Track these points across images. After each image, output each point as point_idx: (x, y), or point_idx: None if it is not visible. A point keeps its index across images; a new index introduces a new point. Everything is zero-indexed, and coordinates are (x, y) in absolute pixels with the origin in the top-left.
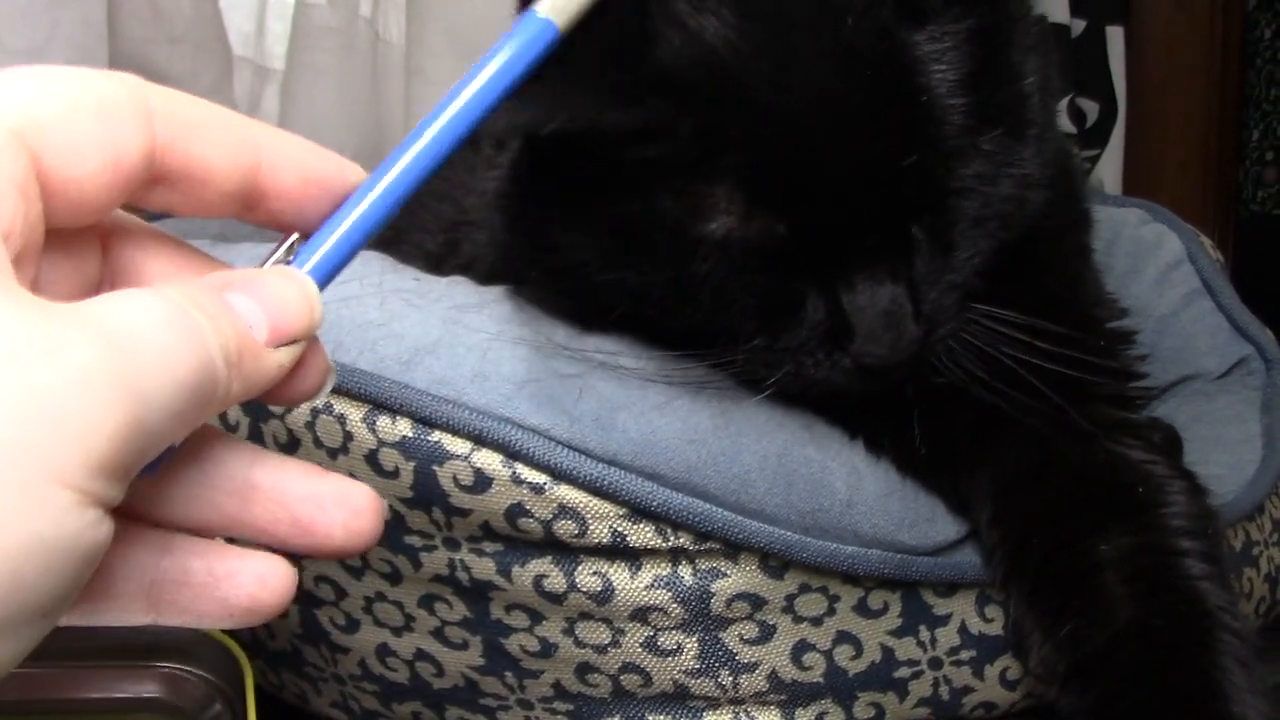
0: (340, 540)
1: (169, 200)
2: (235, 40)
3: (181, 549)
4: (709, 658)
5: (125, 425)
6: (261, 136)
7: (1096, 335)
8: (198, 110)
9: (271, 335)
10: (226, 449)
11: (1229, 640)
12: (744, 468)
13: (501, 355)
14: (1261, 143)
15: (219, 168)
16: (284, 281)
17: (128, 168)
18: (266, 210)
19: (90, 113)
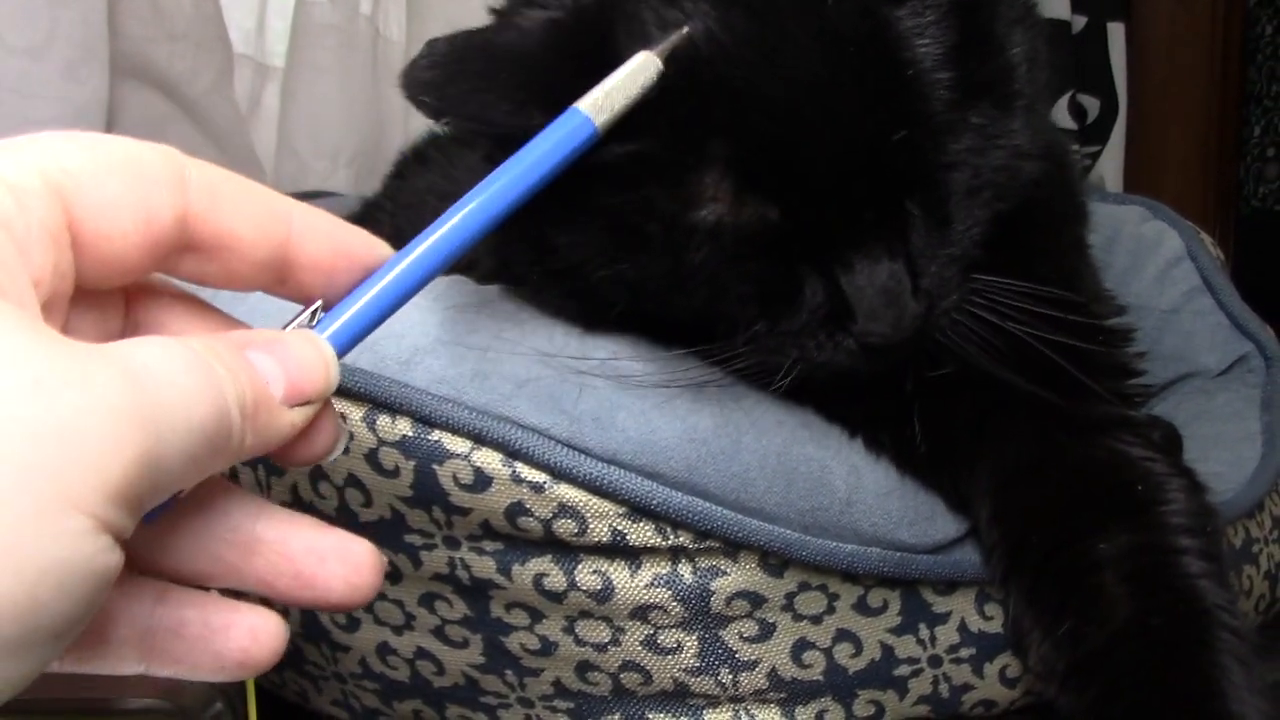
0: (339, 595)
1: (201, 269)
2: (236, 38)
3: (177, 599)
4: (709, 656)
5: (140, 457)
6: (292, 210)
7: (1093, 331)
8: (231, 182)
9: (288, 393)
10: (232, 500)
11: (1228, 638)
12: (743, 466)
13: (501, 354)
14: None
15: (249, 238)
16: (303, 344)
17: (159, 230)
18: (296, 282)
19: (125, 174)
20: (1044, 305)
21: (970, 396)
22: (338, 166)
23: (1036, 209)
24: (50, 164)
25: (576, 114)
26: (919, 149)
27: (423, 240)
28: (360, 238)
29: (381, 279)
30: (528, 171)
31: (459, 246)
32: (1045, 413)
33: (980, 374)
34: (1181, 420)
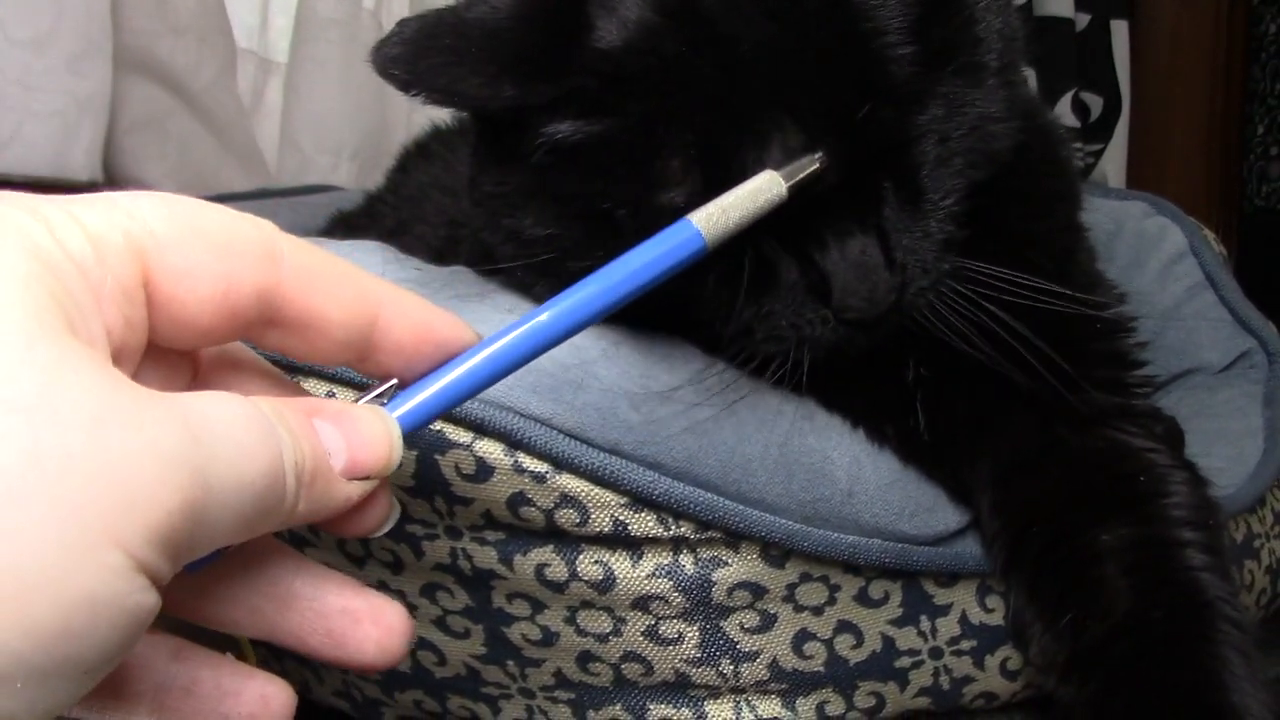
0: (370, 657)
1: (284, 343)
2: (239, 33)
3: (193, 658)
4: (710, 647)
5: (185, 505)
6: (383, 294)
7: (1092, 318)
8: (325, 264)
9: (348, 467)
10: (273, 554)
11: (1229, 631)
12: (745, 457)
13: None
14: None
15: (336, 319)
16: (372, 419)
17: (236, 300)
18: (376, 362)
19: (211, 243)
20: (1037, 295)
21: (971, 388)
22: (340, 161)
23: (1028, 192)
24: (136, 224)
25: (687, 226)
26: (886, 121)
27: (506, 333)
28: (447, 322)
29: (461, 365)
30: (625, 279)
31: (542, 345)
32: (1046, 404)
33: (981, 365)
34: (1183, 415)
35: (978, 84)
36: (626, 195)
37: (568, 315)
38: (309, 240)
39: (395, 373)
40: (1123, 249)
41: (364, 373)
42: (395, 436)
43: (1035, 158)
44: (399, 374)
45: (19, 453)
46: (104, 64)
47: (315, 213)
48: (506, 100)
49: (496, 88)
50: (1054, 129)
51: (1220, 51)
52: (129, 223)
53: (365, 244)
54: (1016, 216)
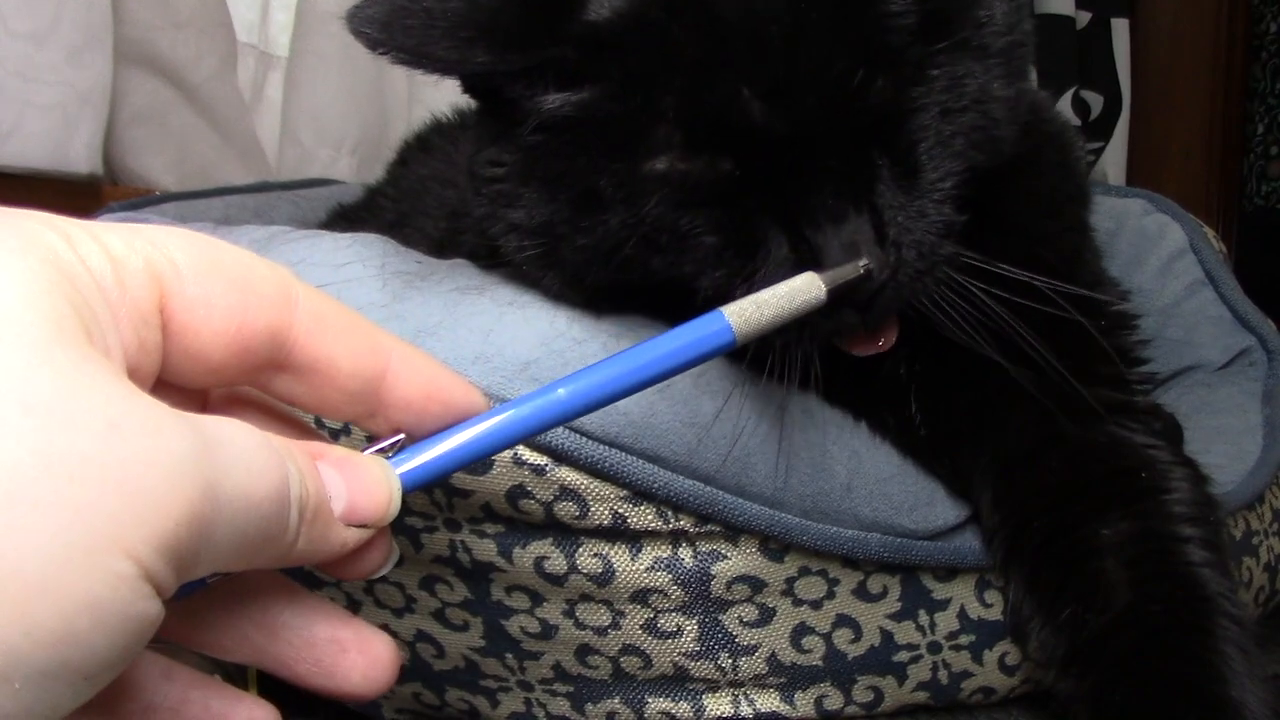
0: (354, 686)
1: (292, 390)
2: (239, 26)
3: (184, 678)
4: (709, 640)
5: (194, 517)
6: (394, 348)
7: (1096, 316)
8: (338, 313)
9: (346, 513)
10: (266, 584)
11: (1228, 626)
12: (744, 450)
13: (503, 337)
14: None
15: (346, 367)
16: (373, 468)
17: (249, 337)
18: (386, 418)
19: (229, 278)
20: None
21: (972, 381)
22: (341, 155)
23: (1039, 191)
24: (157, 252)
25: (719, 318)
26: (881, 91)
27: (524, 401)
28: (458, 385)
29: (471, 428)
30: (648, 364)
31: (554, 419)
32: (1048, 399)
33: (981, 359)
34: (1183, 412)
35: (981, 63)
36: (611, 166)
37: (583, 394)
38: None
39: (404, 429)
40: (1123, 246)
41: (371, 430)
42: (395, 489)
43: (1048, 159)
44: (406, 431)
45: (31, 453)
46: (104, 57)
47: (315, 206)
48: (477, 66)
49: (468, 53)
50: (1066, 131)
51: (1220, 50)
52: (150, 250)
53: (366, 237)
54: (1027, 215)
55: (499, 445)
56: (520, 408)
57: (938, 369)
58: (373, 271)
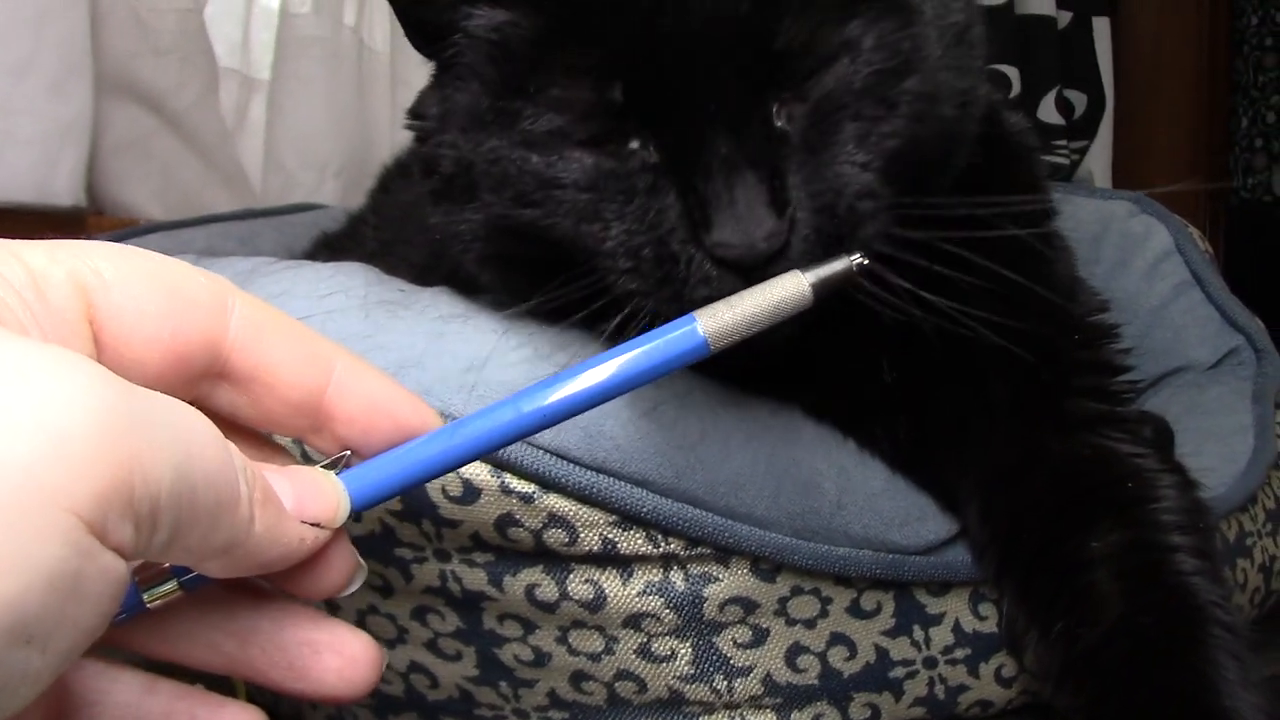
0: (331, 687)
1: (234, 402)
2: (221, 51)
3: (166, 691)
4: (703, 663)
5: (131, 459)
6: (337, 358)
7: (1069, 329)
8: (277, 321)
9: (295, 505)
10: (231, 591)
11: (1221, 634)
12: (733, 471)
13: (489, 364)
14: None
15: (286, 378)
16: (315, 474)
17: (185, 346)
18: (332, 433)
19: (159, 287)
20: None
21: (951, 394)
22: (325, 178)
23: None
24: (80, 263)
25: (690, 321)
26: (791, 37)
27: (477, 418)
28: (408, 401)
29: (423, 448)
30: (611, 376)
31: (511, 435)
32: (1030, 412)
33: (961, 371)
34: (1173, 414)
35: (919, 29)
36: (534, 136)
37: (544, 410)
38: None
39: (350, 447)
40: (1109, 249)
41: (318, 447)
42: (340, 491)
43: (1003, 168)
44: (354, 448)
45: None
46: (85, 87)
47: (300, 232)
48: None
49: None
50: (1024, 138)
51: (1204, 46)
52: (74, 262)
53: (348, 266)
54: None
55: (453, 463)
56: (475, 424)
57: (921, 379)
58: (355, 302)
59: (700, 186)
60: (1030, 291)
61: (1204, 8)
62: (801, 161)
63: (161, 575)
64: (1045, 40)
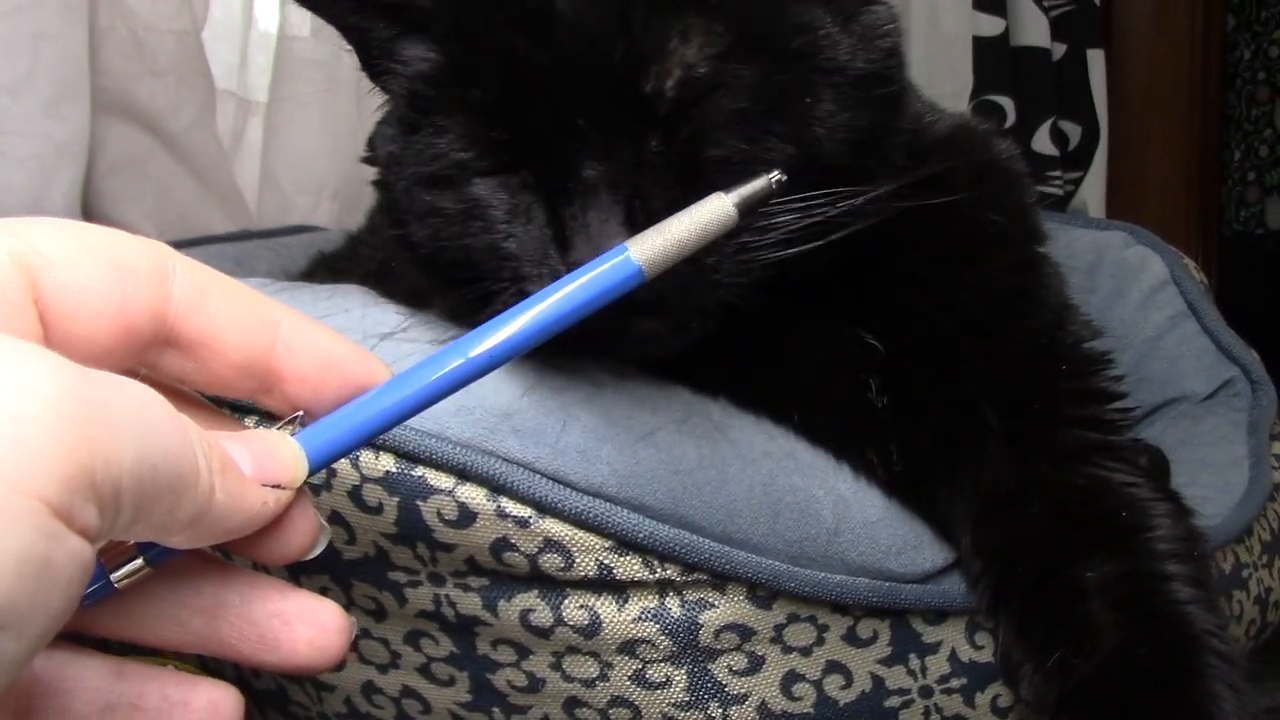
0: (304, 658)
1: (181, 367)
2: (218, 73)
3: (136, 674)
4: (698, 690)
5: (92, 442)
6: (282, 318)
7: (1058, 358)
8: (219, 284)
9: (254, 470)
10: (196, 566)
11: (1217, 664)
12: (730, 497)
13: (485, 387)
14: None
15: (232, 340)
16: (270, 436)
17: (132, 318)
18: (282, 393)
19: (100, 260)
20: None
21: (940, 418)
22: (321, 200)
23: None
24: (20, 243)
25: (622, 251)
26: (659, 89)
27: (425, 367)
28: (355, 355)
29: (375, 402)
30: (550, 311)
31: (460, 380)
32: (1021, 441)
33: (952, 402)
34: (1169, 445)
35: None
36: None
37: (490, 351)
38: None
39: (303, 406)
40: (1104, 279)
41: (270, 406)
42: (296, 450)
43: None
44: (306, 408)
45: None
46: (82, 107)
47: (296, 254)
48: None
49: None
50: (1011, 165)
51: (1196, 78)
52: (12, 241)
53: (346, 288)
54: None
55: (406, 413)
56: (424, 372)
57: (911, 404)
58: (352, 323)
59: (562, 210)
60: (1016, 321)
61: (1197, 41)
62: (659, 182)
63: (127, 553)
64: (1040, 72)
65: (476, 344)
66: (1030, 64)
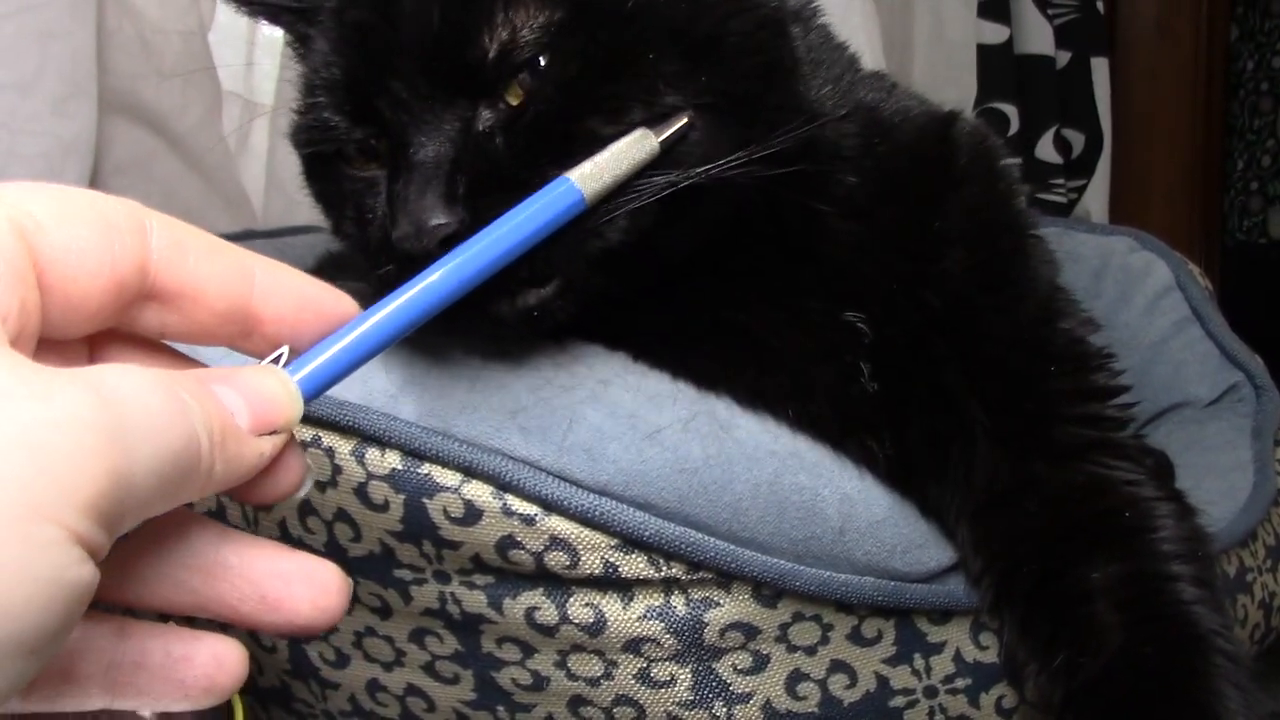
0: (305, 618)
1: (163, 321)
2: (224, 75)
3: (138, 632)
4: (703, 689)
5: (111, 472)
6: (255, 263)
7: (1045, 358)
8: (192, 233)
9: (253, 422)
10: (194, 528)
11: (1222, 664)
12: (735, 496)
13: (490, 385)
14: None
15: (211, 288)
16: (264, 375)
17: (123, 276)
18: (262, 335)
19: (90, 221)
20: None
21: (928, 410)
22: None
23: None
24: (16, 210)
25: (564, 181)
26: (481, 57)
27: (394, 298)
28: (328, 293)
29: (349, 333)
30: (506, 235)
31: (430, 306)
32: (1012, 436)
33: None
34: (1174, 450)
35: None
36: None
37: (452, 275)
38: None
39: (282, 345)
40: (1110, 284)
41: (250, 351)
42: (292, 388)
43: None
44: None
45: None
46: (89, 106)
47: (301, 253)
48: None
49: None
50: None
51: (1199, 87)
52: (9, 209)
53: (354, 286)
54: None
55: (385, 341)
56: (398, 298)
57: (899, 394)
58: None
59: (392, 189)
60: (993, 317)
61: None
62: (488, 153)
63: None
64: (1044, 80)
65: (442, 267)
66: (1034, 72)
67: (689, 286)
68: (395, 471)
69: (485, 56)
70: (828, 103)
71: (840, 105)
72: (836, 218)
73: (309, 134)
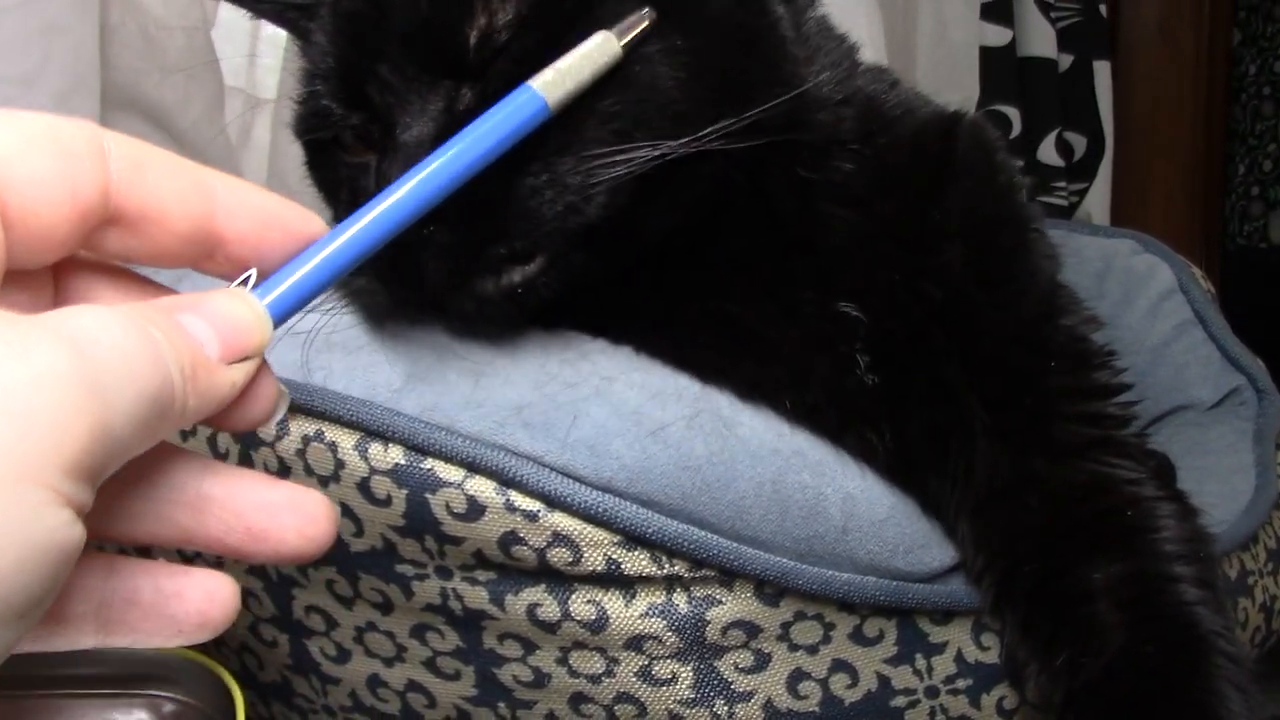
0: (293, 547)
1: (125, 244)
2: (227, 70)
3: (128, 569)
4: (704, 687)
5: (93, 426)
6: (216, 181)
7: (1044, 355)
8: (152, 155)
9: (223, 351)
10: (177, 462)
11: (1224, 665)
12: (739, 494)
13: (494, 381)
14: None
15: (172, 209)
16: (231, 301)
17: (85, 203)
18: (225, 255)
19: (49, 148)
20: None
21: (926, 405)
22: None
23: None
24: None
25: (527, 89)
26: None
27: (363, 214)
28: (292, 210)
29: (320, 250)
30: (472, 146)
31: (400, 221)
32: (1012, 434)
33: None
34: (1175, 453)
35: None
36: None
37: (419, 189)
38: None
39: (249, 267)
40: (1112, 286)
41: (215, 272)
42: (260, 312)
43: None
44: (253, 266)
45: None
46: (92, 101)
47: None
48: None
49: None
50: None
51: (1201, 91)
52: None
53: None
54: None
55: (354, 259)
56: (368, 214)
57: (897, 386)
58: (360, 319)
59: (380, 170)
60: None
61: (1202, 54)
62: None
63: None
64: (1046, 82)
65: (409, 180)
66: (1036, 74)
67: (686, 276)
68: (398, 466)
69: (468, 40)
70: (825, 88)
71: (837, 91)
72: (833, 204)
73: (307, 122)
